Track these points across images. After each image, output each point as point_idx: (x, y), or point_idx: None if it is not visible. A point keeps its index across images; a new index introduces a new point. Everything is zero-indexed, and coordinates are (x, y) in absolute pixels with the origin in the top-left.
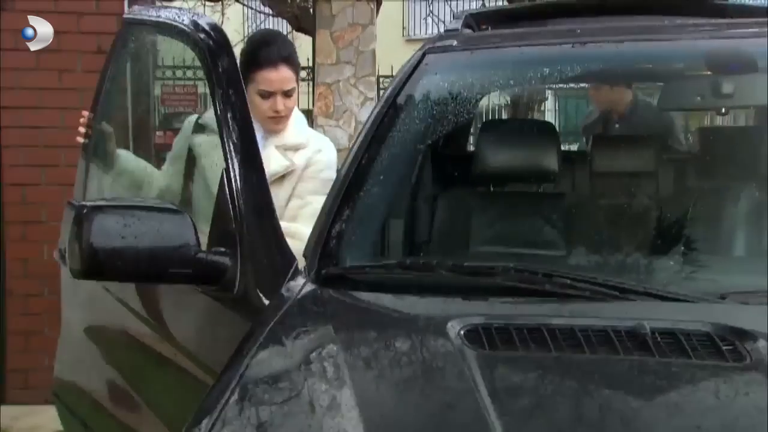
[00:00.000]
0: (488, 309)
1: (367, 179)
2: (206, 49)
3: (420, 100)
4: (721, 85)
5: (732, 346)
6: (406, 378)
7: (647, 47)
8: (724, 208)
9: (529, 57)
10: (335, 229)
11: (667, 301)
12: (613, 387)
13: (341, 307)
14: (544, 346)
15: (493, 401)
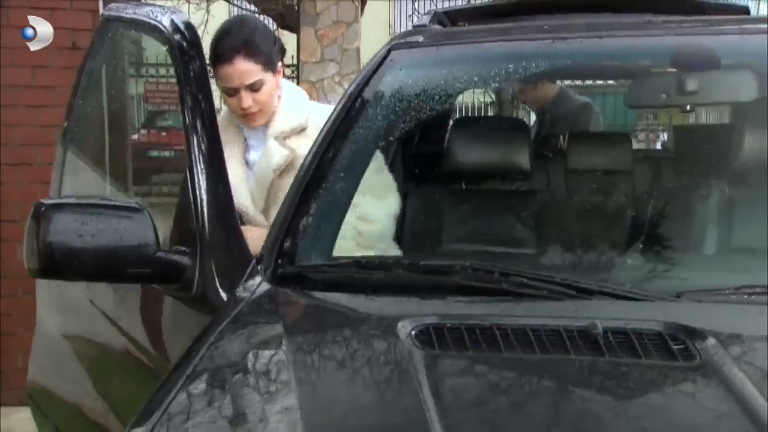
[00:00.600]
0: (442, 308)
1: (328, 176)
2: (177, 49)
3: (384, 97)
4: (685, 82)
5: (683, 346)
6: (350, 379)
7: (613, 44)
8: (686, 206)
9: (495, 53)
10: (293, 227)
11: (623, 300)
12: (560, 387)
13: (294, 307)
14: (495, 346)
15: (436, 402)
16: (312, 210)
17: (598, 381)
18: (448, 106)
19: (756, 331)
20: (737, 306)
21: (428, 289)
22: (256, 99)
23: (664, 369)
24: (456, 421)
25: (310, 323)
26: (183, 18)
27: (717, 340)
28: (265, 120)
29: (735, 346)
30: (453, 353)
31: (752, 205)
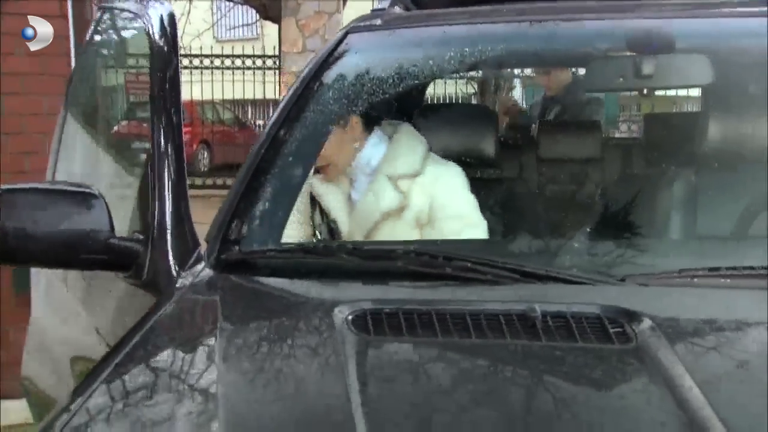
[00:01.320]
0: (383, 294)
1: (277, 161)
2: (156, 41)
3: (337, 80)
4: (642, 65)
5: (621, 329)
6: (277, 365)
7: (571, 28)
8: (643, 193)
9: (451, 37)
10: (240, 213)
11: (567, 284)
12: (492, 371)
13: (232, 293)
14: (431, 330)
15: (361, 387)
16: (260, 195)
17: (531, 364)
18: (405, 90)
19: (695, 314)
20: (680, 289)
21: (373, 275)
22: (322, 154)
23: (598, 352)
24: (378, 407)
25: (246, 309)
26: (168, 11)
27: (655, 324)
28: (337, 172)
29: (672, 329)
30: (386, 338)
31: (711, 192)
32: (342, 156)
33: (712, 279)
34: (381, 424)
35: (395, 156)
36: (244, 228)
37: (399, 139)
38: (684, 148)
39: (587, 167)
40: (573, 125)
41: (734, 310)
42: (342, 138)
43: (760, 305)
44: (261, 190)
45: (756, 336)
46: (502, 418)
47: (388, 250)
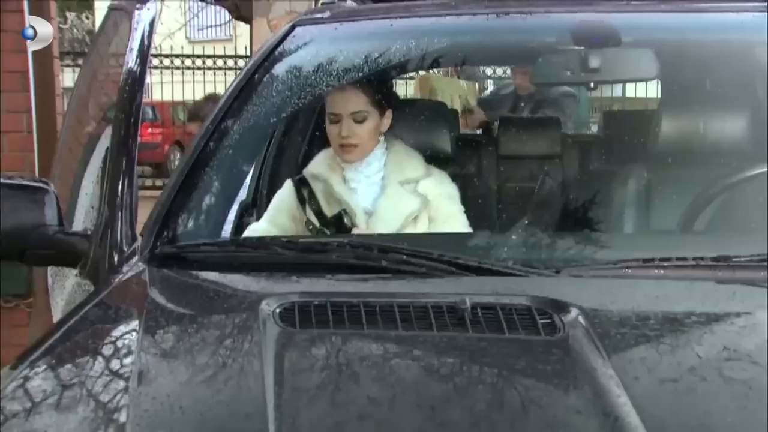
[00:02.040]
0: (315, 286)
1: (217, 155)
2: (134, 46)
3: (281, 74)
4: (588, 59)
5: (549, 320)
6: (196, 359)
7: (517, 21)
8: (580, 187)
9: (397, 30)
10: (176, 207)
11: (501, 276)
12: (413, 363)
13: (162, 287)
14: (358, 323)
15: (277, 380)
16: (198, 190)
17: (455, 356)
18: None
19: (625, 305)
20: (614, 281)
21: (308, 268)
22: (356, 131)
23: (523, 343)
24: (291, 399)
25: (171, 303)
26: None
27: (583, 314)
28: (359, 157)
29: (601, 320)
30: (311, 330)
31: (658, 187)
32: (371, 143)
33: (646, 270)
34: (292, 418)
35: (400, 162)
36: (179, 222)
37: (397, 148)
38: (634, 144)
39: (538, 164)
40: (533, 122)
41: (664, 301)
42: (376, 126)
43: (690, 296)
44: (199, 184)
45: (682, 327)
46: (420, 410)
47: (323, 243)
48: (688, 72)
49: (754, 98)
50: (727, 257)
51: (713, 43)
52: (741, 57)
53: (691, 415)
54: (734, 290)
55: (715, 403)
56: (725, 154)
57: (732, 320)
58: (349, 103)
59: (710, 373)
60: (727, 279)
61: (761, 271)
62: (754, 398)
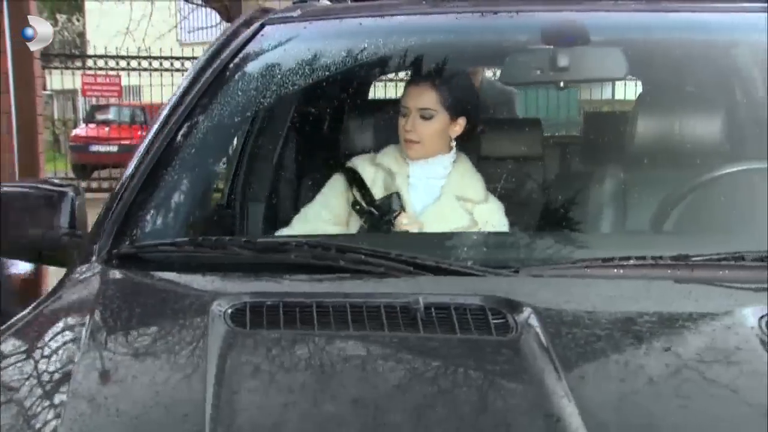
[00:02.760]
0: (271, 286)
1: (179, 155)
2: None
3: (248, 72)
4: (557, 58)
5: (503, 320)
6: (139, 360)
7: (487, 20)
8: (546, 187)
9: (366, 29)
10: (137, 206)
11: (459, 275)
12: (361, 364)
13: (115, 288)
14: (310, 323)
15: (218, 382)
16: (159, 189)
17: (404, 356)
18: (321, 83)
19: (581, 305)
20: (572, 280)
21: (266, 268)
22: (420, 128)
23: (474, 343)
24: (230, 400)
25: (123, 304)
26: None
27: (537, 314)
28: (421, 155)
29: (554, 320)
30: (260, 331)
31: (633, 187)
32: (436, 144)
33: (605, 270)
34: (230, 419)
35: (463, 179)
36: (139, 222)
37: (464, 165)
38: (611, 145)
39: (518, 165)
40: (514, 123)
41: (620, 301)
42: (445, 128)
43: (646, 295)
44: (161, 183)
45: (634, 327)
46: (361, 410)
47: (281, 243)
48: (661, 72)
49: (725, 98)
50: (686, 256)
51: (685, 42)
52: (713, 57)
53: (634, 415)
54: (690, 290)
55: (659, 404)
56: (697, 154)
57: (684, 320)
58: (419, 99)
59: (657, 374)
60: (685, 278)
61: (719, 270)
62: (698, 399)
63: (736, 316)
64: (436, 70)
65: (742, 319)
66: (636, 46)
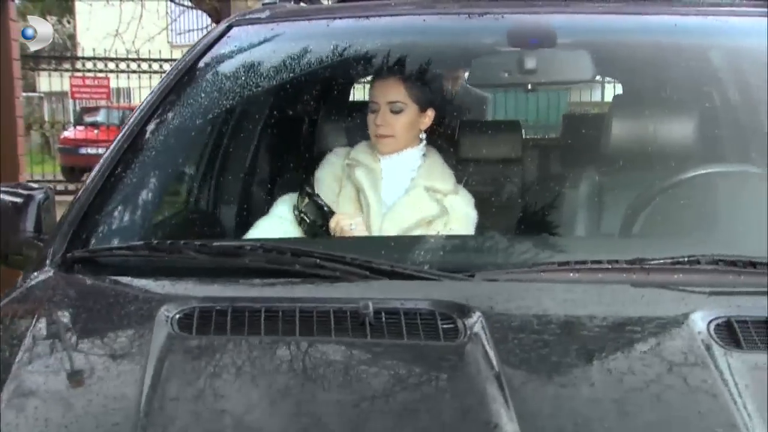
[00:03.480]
0: (221, 291)
1: (139, 158)
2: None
3: (214, 74)
4: (524, 61)
5: (452, 325)
6: (79, 369)
7: (454, 22)
8: (511, 191)
9: (333, 31)
10: (92, 210)
11: (414, 280)
12: (300, 370)
13: (64, 293)
14: (257, 328)
15: (153, 388)
16: (117, 192)
17: (347, 362)
18: (292, 85)
19: (531, 309)
20: (527, 284)
21: (222, 272)
22: (390, 121)
23: (420, 349)
24: (163, 408)
25: (70, 309)
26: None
27: (487, 319)
28: (393, 149)
29: (502, 324)
30: (205, 337)
31: (607, 190)
32: (407, 137)
33: (560, 274)
34: (162, 427)
35: (432, 172)
36: (96, 226)
37: (433, 158)
38: (587, 147)
39: (497, 167)
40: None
41: (571, 305)
42: (416, 121)
43: (597, 300)
44: (120, 186)
45: (582, 332)
46: (295, 417)
47: (236, 246)
48: (630, 75)
49: (695, 101)
50: (642, 260)
51: (654, 45)
52: (682, 60)
53: (570, 422)
54: (644, 294)
55: (597, 410)
56: (666, 157)
57: (633, 325)
58: (388, 93)
59: (598, 379)
60: (641, 282)
61: (674, 274)
62: (636, 405)
63: (686, 320)
64: (403, 63)
65: (691, 324)
66: (604, 48)
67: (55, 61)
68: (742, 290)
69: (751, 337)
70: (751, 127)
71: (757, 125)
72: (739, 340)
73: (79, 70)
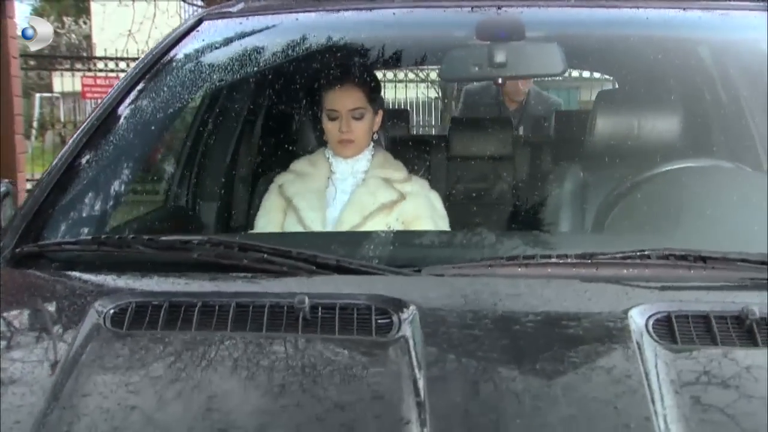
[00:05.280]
0: (162, 286)
1: (98, 152)
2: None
3: (180, 69)
4: (494, 54)
5: (388, 320)
6: (4, 363)
7: (422, 15)
8: (467, 187)
9: (303, 24)
10: (46, 205)
11: (360, 274)
12: (221, 367)
13: (6, 288)
14: (188, 324)
15: (61, 386)
16: (74, 186)
17: (271, 358)
18: (253, 78)
19: (470, 304)
20: (473, 279)
21: (170, 266)
22: (354, 127)
23: (350, 343)
24: (70, 406)
25: (6, 305)
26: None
27: (421, 314)
28: (355, 152)
29: (435, 319)
30: (134, 333)
31: (590, 186)
32: (366, 139)
33: (509, 269)
34: (66, 424)
35: (384, 164)
36: (49, 220)
37: (382, 152)
38: (574, 143)
39: (489, 164)
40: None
41: (511, 300)
42: (371, 124)
43: (539, 294)
44: (76, 181)
45: (515, 328)
46: (207, 413)
47: (184, 241)
48: (601, 68)
49: (670, 95)
50: (593, 254)
51: (624, 38)
52: (659, 52)
53: (484, 418)
54: (587, 288)
55: (512, 407)
56: (642, 152)
57: (569, 320)
58: (349, 100)
59: (521, 376)
60: (589, 277)
61: (623, 269)
62: (554, 400)
63: (625, 315)
64: (357, 68)
65: (629, 320)
66: (574, 41)
67: (70, 61)
68: (690, 285)
69: (689, 332)
70: (727, 120)
71: (735, 118)
72: (675, 335)
73: (92, 70)
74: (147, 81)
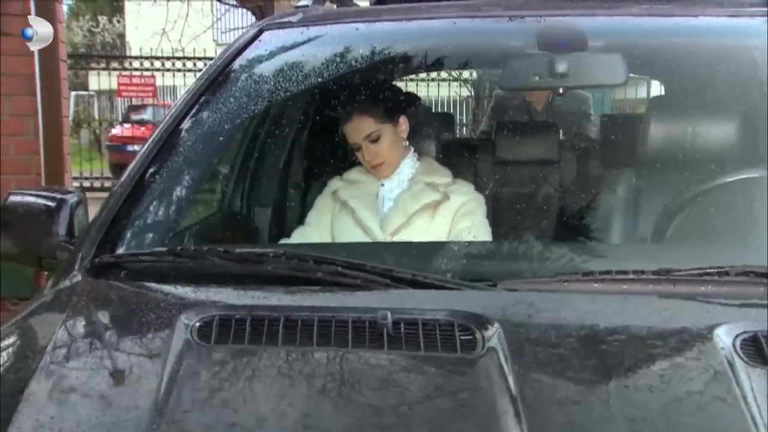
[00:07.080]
0: (242, 298)
1: (169, 163)
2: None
3: (245, 78)
4: (556, 64)
5: (471, 336)
6: (96, 379)
7: (484, 25)
8: (541, 199)
9: (364, 35)
10: (122, 215)
11: (435, 289)
12: (317, 382)
13: (89, 299)
14: (275, 338)
15: (167, 399)
16: (146, 197)
17: (361, 375)
18: (317, 88)
19: (551, 321)
20: (549, 294)
21: (245, 279)
22: (376, 151)
23: (437, 361)
24: (174, 420)
25: (93, 317)
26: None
27: (505, 331)
28: (392, 170)
29: (520, 337)
30: (222, 346)
31: (644, 194)
32: (396, 154)
33: (584, 284)
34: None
35: (429, 170)
36: (125, 231)
37: (427, 159)
38: (625, 150)
39: (535, 169)
40: (530, 127)
41: (592, 317)
42: (394, 137)
43: (620, 311)
44: (150, 191)
45: (601, 345)
46: (306, 429)
47: (258, 253)
48: (668, 77)
49: (733, 103)
50: (668, 270)
51: (687, 47)
52: (716, 61)
53: None
54: (668, 306)
55: (610, 428)
56: (704, 160)
57: (654, 339)
58: (358, 130)
59: (614, 396)
60: (666, 293)
61: (701, 286)
62: (653, 423)
63: (711, 335)
64: (353, 94)
65: (715, 339)
66: (637, 51)
67: (105, 60)
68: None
69: None
70: None
71: None
72: (765, 356)
73: (126, 68)
74: (211, 93)
